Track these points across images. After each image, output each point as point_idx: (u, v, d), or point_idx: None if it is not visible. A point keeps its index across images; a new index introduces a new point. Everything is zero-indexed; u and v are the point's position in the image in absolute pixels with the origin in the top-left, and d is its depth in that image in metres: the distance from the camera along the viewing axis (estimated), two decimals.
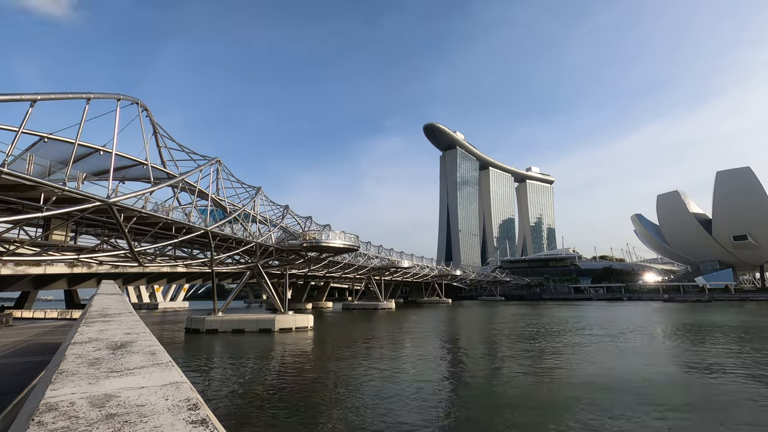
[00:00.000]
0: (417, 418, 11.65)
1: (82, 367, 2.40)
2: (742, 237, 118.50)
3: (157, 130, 28.45)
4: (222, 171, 32.77)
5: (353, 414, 12.34)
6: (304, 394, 14.80)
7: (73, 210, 18.26)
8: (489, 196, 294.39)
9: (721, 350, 23.43)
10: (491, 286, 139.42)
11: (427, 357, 22.75)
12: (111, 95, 20.42)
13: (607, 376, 16.78)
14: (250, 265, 41.43)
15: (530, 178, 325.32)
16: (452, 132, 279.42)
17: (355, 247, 43.24)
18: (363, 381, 16.74)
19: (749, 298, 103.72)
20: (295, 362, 21.73)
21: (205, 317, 36.72)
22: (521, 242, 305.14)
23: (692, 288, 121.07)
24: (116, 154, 20.45)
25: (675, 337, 30.26)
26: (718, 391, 14.32)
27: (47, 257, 25.36)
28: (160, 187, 23.41)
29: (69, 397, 1.82)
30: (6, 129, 15.65)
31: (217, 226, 30.03)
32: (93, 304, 6.93)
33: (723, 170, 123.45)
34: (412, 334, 34.48)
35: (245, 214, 35.06)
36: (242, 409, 12.86)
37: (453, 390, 15.30)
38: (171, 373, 2.28)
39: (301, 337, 32.41)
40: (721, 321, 43.14)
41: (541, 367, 19.21)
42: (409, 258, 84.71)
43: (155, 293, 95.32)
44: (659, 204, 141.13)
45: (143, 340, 3.36)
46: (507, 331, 36.41)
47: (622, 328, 36.57)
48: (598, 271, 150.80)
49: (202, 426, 1.56)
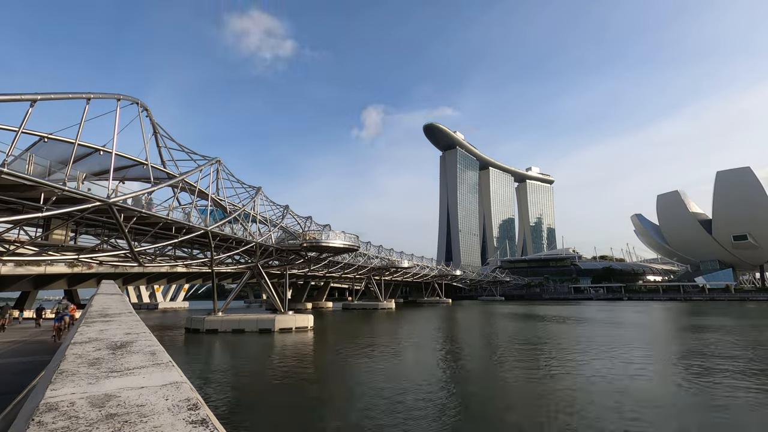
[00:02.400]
0: (417, 418, 11.65)
1: (82, 367, 2.40)
2: (742, 237, 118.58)
3: (157, 130, 28.45)
4: (222, 171, 32.78)
5: (353, 414, 12.34)
6: (304, 394, 14.80)
7: (73, 210, 18.26)
8: (489, 196, 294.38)
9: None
10: (491, 286, 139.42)
11: (427, 357, 22.76)
12: (111, 95, 20.42)
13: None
14: (250, 265, 41.43)
15: (530, 178, 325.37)
16: (452, 132, 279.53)
17: (355, 247, 43.24)
18: (363, 381, 16.74)
19: (749, 298, 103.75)
20: (295, 362, 21.72)
21: (205, 317, 36.73)
22: (521, 242, 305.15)
23: (692, 288, 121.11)
24: (116, 154, 20.45)
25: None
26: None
27: (47, 257, 25.36)
28: (160, 187, 23.41)
29: (69, 397, 1.82)
30: (6, 129, 15.65)
31: (217, 226, 30.03)
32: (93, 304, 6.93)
33: (723, 170, 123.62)
34: (412, 334, 34.47)
35: (245, 214, 35.06)
36: (242, 409, 12.86)
37: (453, 390, 15.30)
38: (171, 373, 2.29)
39: (301, 338, 32.42)
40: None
41: (541, 366, 19.21)
42: (409, 258, 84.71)
43: (155, 293, 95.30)
44: (659, 204, 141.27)
45: (143, 340, 3.36)
46: (507, 330, 36.43)
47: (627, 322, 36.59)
48: (598, 271, 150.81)
49: (202, 426, 1.56)
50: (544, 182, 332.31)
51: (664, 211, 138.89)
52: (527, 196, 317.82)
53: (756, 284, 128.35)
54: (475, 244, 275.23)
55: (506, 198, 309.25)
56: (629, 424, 10.88)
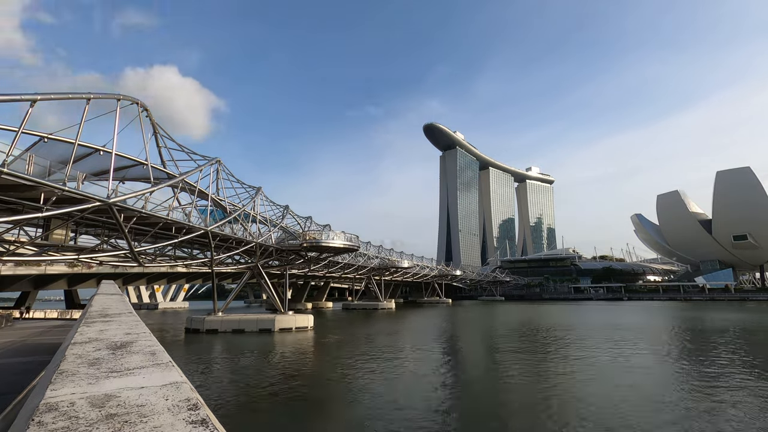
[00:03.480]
0: (417, 418, 11.65)
1: (82, 367, 2.40)
2: (742, 237, 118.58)
3: (157, 130, 28.44)
4: (222, 171, 32.79)
5: (353, 414, 12.35)
6: (304, 395, 14.80)
7: (73, 210, 18.26)
8: (489, 196, 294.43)
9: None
10: (491, 286, 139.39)
11: (427, 357, 22.75)
12: (111, 95, 20.44)
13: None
14: (250, 265, 41.43)
15: (530, 178, 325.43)
16: (452, 132, 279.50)
17: (354, 247, 43.25)
18: (363, 381, 16.75)
19: (749, 298, 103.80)
20: (295, 362, 21.73)
21: (205, 317, 36.73)
22: (521, 242, 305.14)
23: (692, 288, 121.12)
24: (116, 154, 20.45)
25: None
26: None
27: (47, 257, 25.36)
28: (160, 187, 23.42)
29: (69, 398, 1.82)
30: (6, 129, 15.66)
31: (217, 226, 30.03)
32: (93, 304, 6.93)
33: (723, 170, 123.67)
34: (412, 335, 34.47)
35: (245, 214, 35.06)
36: (242, 409, 12.86)
37: (453, 390, 15.30)
38: (171, 373, 2.29)
39: (301, 338, 32.41)
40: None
41: (540, 365, 19.21)
42: (409, 258, 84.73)
43: (155, 293, 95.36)
44: (659, 204, 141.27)
45: (143, 341, 3.36)
46: (506, 329, 36.41)
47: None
48: (598, 271, 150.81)
49: (202, 426, 1.56)
50: (544, 182, 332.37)
51: (664, 211, 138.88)
52: (527, 196, 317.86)
53: (756, 284, 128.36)
54: (475, 244, 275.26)
55: (506, 198, 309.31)
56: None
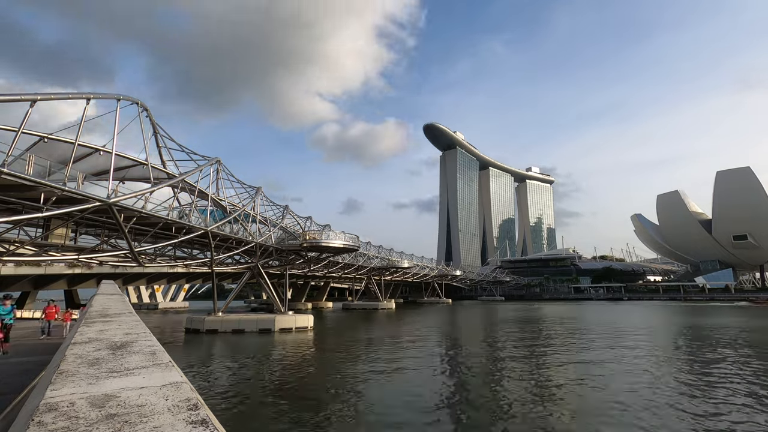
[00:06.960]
0: (417, 419, 11.65)
1: (82, 367, 2.40)
2: (742, 237, 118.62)
3: (157, 130, 28.41)
4: (222, 171, 32.78)
5: (353, 414, 12.35)
6: (304, 395, 14.80)
7: (73, 210, 18.26)
8: (489, 196, 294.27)
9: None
10: (491, 286, 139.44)
11: (427, 357, 22.74)
12: (111, 95, 20.41)
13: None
14: (250, 265, 41.42)
15: (530, 178, 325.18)
16: (452, 132, 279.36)
17: (354, 247, 43.25)
18: (363, 381, 16.74)
19: (749, 298, 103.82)
20: (295, 363, 21.73)
21: (204, 317, 36.71)
22: (521, 242, 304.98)
23: (692, 288, 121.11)
24: (116, 154, 20.43)
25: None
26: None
27: (47, 257, 25.36)
28: (160, 187, 23.41)
29: (69, 398, 1.82)
30: (6, 129, 15.65)
31: (217, 226, 30.03)
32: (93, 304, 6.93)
33: (723, 170, 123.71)
34: (412, 335, 34.47)
35: (245, 214, 35.06)
36: (242, 409, 12.85)
37: (453, 390, 15.30)
38: (171, 374, 2.29)
39: (301, 338, 32.41)
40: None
41: (538, 365, 19.22)
42: (409, 258, 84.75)
43: (155, 293, 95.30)
44: (659, 204, 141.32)
45: (143, 341, 3.36)
46: (505, 328, 36.41)
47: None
48: (598, 271, 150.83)
49: (202, 426, 1.56)
50: (544, 182, 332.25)
51: (664, 211, 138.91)
52: (527, 196, 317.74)
53: (756, 284, 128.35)
54: (475, 244, 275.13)
55: (506, 198, 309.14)
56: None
